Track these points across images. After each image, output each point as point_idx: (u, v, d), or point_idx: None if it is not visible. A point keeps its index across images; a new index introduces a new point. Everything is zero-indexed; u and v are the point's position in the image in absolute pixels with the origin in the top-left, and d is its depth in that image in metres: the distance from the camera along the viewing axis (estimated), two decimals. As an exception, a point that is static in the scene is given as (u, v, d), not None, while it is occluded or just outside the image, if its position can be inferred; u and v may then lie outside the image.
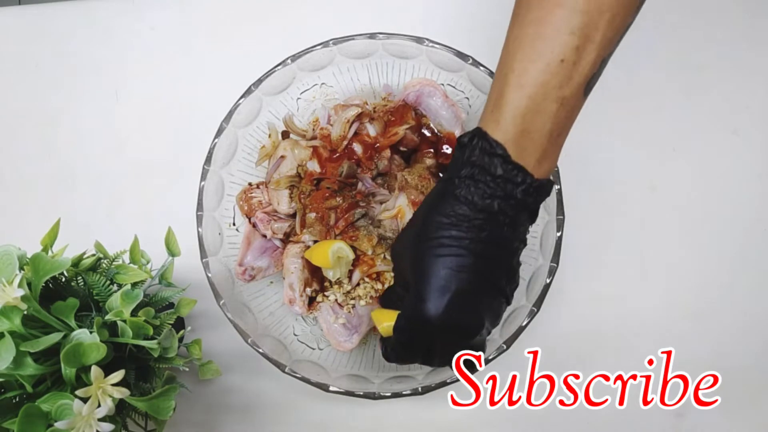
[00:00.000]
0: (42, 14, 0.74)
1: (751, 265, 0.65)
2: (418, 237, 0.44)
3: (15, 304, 0.42)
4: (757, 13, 0.70)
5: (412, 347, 0.46)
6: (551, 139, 0.41)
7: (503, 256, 0.43)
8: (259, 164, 0.65)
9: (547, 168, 0.43)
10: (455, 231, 0.42)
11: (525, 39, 0.40)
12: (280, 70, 0.61)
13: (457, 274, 0.42)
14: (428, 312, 0.42)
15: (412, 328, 0.44)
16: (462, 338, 0.44)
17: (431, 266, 0.42)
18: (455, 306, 0.42)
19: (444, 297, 0.42)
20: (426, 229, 0.43)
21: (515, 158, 0.41)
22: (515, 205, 0.42)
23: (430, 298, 0.42)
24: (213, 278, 0.58)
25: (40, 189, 0.70)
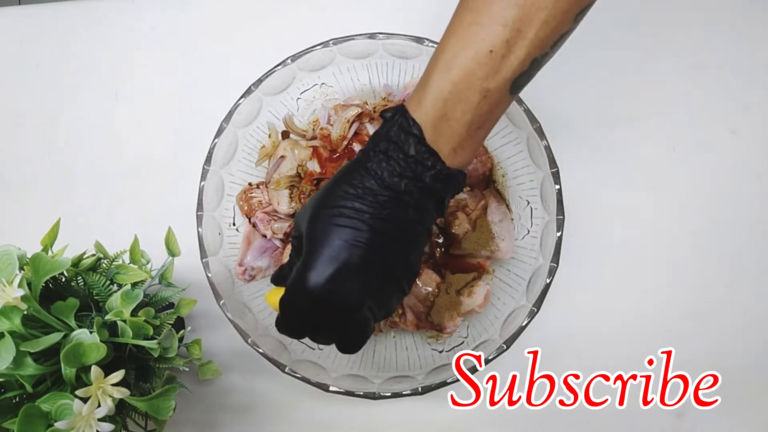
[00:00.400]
0: (42, 14, 0.74)
1: (751, 265, 0.65)
2: (321, 203, 0.43)
3: (15, 304, 0.42)
4: (757, 13, 0.70)
5: (295, 317, 0.45)
6: (470, 131, 0.41)
7: (402, 239, 0.43)
8: (259, 164, 0.65)
9: (462, 159, 0.42)
10: (358, 203, 0.41)
11: (462, 25, 0.40)
12: (280, 70, 0.61)
13: (350, 247, 0.41)
14: (310, 281, 0.41)
15: (294, 295, 0.43)
16: (341, 314, 0.43)
17: (326, 235, 0.42)
18: (338, 279, 0.41)
19: (329, 267, 0.41)
20: (330, 197, 0.43)
21: (430, 142, 0.41)
22: (422, 189, 0.42)
23: (316, 267, 0.41)
24: (213, 278, 0.58)
25: (40, 189, 0.70)
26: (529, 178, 0.61)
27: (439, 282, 0.59)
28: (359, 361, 0.61)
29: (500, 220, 0.61)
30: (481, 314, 0.61)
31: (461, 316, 0.60)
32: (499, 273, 0.63)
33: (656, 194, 0.67)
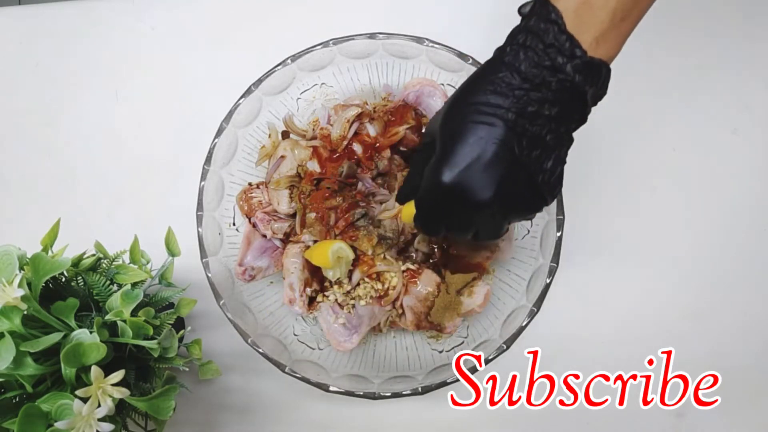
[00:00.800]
0: (42, 14, 0.74)
1: (751, 264, 0.65)
2: (457, 100, 0.43)
3: (15, 304, 0.42)
4: (756, 13, 0.70)
5: (429, 209, 0.45)
6: (614, 20, 0.40)
7: (541, 137, 0.41)
8: (259, 164, 0.65)
9: (605, 52, 0.40)
10: (494, 98, 0.40)
11: None
12: (280, 70, 0.61)
13: (484, 143, 0.40)
14: (444, 174, 0.41)
15: (428, 189, 0.43)
16: (473, 208, 0.42)
17: (462, 131, 0.41)
18: (471, 173, 0.41)
19: (463, 162, 0.41)
20: (466, 94, 0.42)
21: (571, 30, 0.39)
22: (562, 81, 0.40)
23: (450, 162, 0.41)
24: (213, 278, 0.58)
25: (40, 189, 0.70)
26: (529, 178, 0.61)
27: (439, 282, 0.59)
28: (359, 361, 0.61)
29: (500, 220, 0.61)
30: (481, 314, 0.61)
31: (461, 316, 0.60)
32: (499, 273, 0.63)
33: (656, 194, 0.67)
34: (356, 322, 0.60)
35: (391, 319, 0.61)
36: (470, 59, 0.59)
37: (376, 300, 0.60)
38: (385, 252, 0.60)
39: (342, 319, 0.60)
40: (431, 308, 0.59)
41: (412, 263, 0.61)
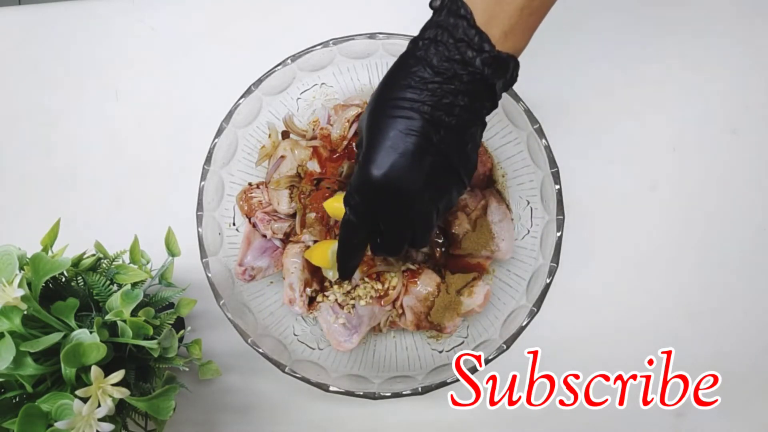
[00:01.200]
0: (42, 14, 0.74)
1: (750, 265, 0.66)
2: (376, 98, 0.44)
3: (15, 304, 0.42)
4: (756, 13, 0.70)
5: (360, 212, 0.46)
6: (521, 15, 0.41)
7: (456, 127, 0.43)
8: (259, 164, 0.65)
9: (514, 44, 0.42)
10: (410, 93, 0.42)
11: None
12: (280, 70, 0.61)
13: (404, 136, 0.42)
14: (372, 172, 0.42)
15: (358, 190, 0.44)
16: (403, 203, 0.44)
17: (383, 128, 0.42)
18: (397, 168, 0.42)
19: (388, 158, 0.42)
20: (385, 88, 0.43)
21: (481, 25, 0.41)
22: (472, 74, 0.41)
23: (375, 159, 0.42)
24: (213, 278, 0.58)
25: (40, 189, 0.70)
26: (529, 178, 0.61)
27: (439, 282, 0.59)
28: (359, 361, 0.61)
29: (500, 220, 0.61)
30: (481, 314, 0.61)
31: (461, 316, 0.60)
32: (499, 273, 0.63)
33: (656, 194, 0.67)
34: (356, 322, 0.60)
35: (391, 319, 0.61)
36: (470, 59, 0.59)
37: (376, 300, 0.60)
38: (385, 252, 0.60)
39: (342, 319, 0.60)
40: (431, 308, 0.59)
41: (412, 263, 0.61)
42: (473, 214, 0.61)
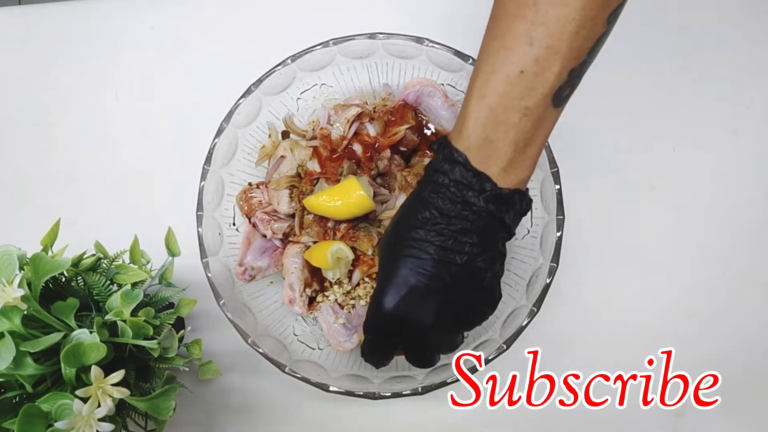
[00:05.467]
0: (42, 14, 0.74)
1: (750, 265, 0.66)
2: (389, 236, 0.47)
3: (15, 304, 0.42)
4: (757, 13, 0.70)
5: (374, 340, 0.48)
6: (517, 149, 0.41)
7: (467, 264, 0.44)
8: (259, 164, 0.65)
9: (516, 178, 0.43)
10: (420, 233, 0.43)
11: (490, 50, 0.41)
12: (280, 70, 0.61)
13: (415, 274, 0.44)
14: (384, 304, 0.44)
15: (372, 319, 0.47)
16: (416, 333, 0.46)
17: (395, 265, 0.44)
18: (407, 302, 0.44)
19: (398, 293, 0.44)
20: (396, 229, 0.46)
21: (479, 165, 0.42)
22: (478, 212, 0.42)
23: (387, 292, 0.44)
24: (213, 278, 0.58)
25: (39, 189, 0.70)
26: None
27: (439, 282, 0.59)
28: (359, 361, 0.61)
29: (500, 220, 0.61)
30: (481, 314, 0.61)
31: (461, 316, 0.60)
32: (499, 273, 0.63)
33: (656, 194, 0.67)
34: (356, 322, 0.60)
35: (391, 319, 0.61)
36: (470, 59, 0.59)
37: (376, 300, 0.60)
38: (385, 252, 0.60)
39: (342, 319, 0.60)
40: (431, 308, 0.59)
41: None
42: (473, 214, 0.61)
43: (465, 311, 0.46)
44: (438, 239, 0.43)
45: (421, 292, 0.44)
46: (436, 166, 0.43)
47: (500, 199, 0.42)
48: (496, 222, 0.43)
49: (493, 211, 0.42)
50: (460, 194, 0.42)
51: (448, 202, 0.42)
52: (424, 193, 0.44)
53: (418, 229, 0.43)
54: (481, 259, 0.44)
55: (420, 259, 0.43)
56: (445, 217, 0.42)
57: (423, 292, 0.44)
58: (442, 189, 0.42)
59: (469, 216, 0.42)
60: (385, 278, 0.45)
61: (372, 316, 0.47)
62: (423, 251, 0.43)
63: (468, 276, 0.44)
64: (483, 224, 0.43)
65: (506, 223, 0.44)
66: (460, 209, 0.42)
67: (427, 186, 0.44)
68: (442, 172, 0.42)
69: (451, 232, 0.43)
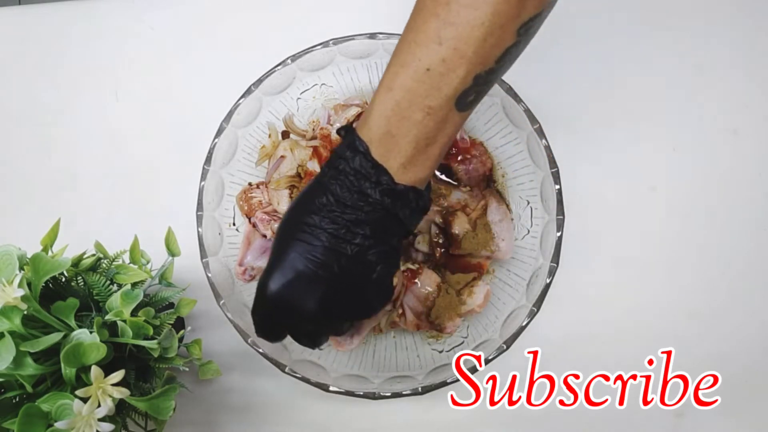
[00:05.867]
0: (42, 14, 0.74)
1: (751, 265, 0.65)
2: (286, 217, 0.46)
3: (15, 304, 0.42)
4: (756, 13, 0.70)
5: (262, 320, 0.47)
6: (418, 147, 0.41)
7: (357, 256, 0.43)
8: (259, 164, 0.65)
9: (414, 176, 0.42)
10: (314, 218, 0.43)
11: (404, 44, 0.41)
12: (280, 70, 0.61)
13: (303, 260, 0.43)
14: (268, 287, 0.44)
15: (257, 299, 0.46)
16: (298, 318, 0.45)
17: (285, 247, 0.44)
18: (291, 287, 0.43)
19: (284, 276, 0.43)
20: (292, 211, 0.45)
21: (379, 158, 0.41)
22: (372, 204, 0.42)
23: (273, 275, 0.44)
24: (213, 278, 0.58)
25: (40, 189, 0.70)
26: (529, 178, 0.61)
27: (439, 282, 0.59)
28: (359, 361, 0.61)
29: (500, 220, 0.61)
30: (481, 314, 0.61)
31: (461, 316, 0.60)
32: (499, 273, 0.63)
33: (656, 194, 0.67)
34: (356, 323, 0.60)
35: (391, 319, 0.61)
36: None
37: (376, 300, 0.60)
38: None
39: (342, 319, 0.60)
40: (431, 308, 0.59)
41: (412, 263, 0.61)
42: (473, 214, 0.61)
43: (352, 303, 0.46)
44: (331, 227, 0.42)
45: (308, 279, 0.43)
46: (339, 152, 0.43)
47: (395, 194, 0.42)
48: (390, 217, 0.43)
49: (388, 205, 0.42)
50: (357, 183, 0.42)
51: (345, 190, 0.42)
52: (324, 178, 0.43)
53: (313, 214, 0.43)
54: (372, 252, 0.43)
55: (311, 245, 0.43)
56: (341, 205, 0.42)
57: (309, 279, 0.43)
58: (341, 176, 0.42)
59: (364, 207, 0.42)
60: (274, 259, 0.44)
61: (257, 296, 0.46)
62: (315, 237, 0.43)
63: (358, 268, 0.44)
64: (377, 217, 0.42)
65: (401, 219, 0.43)
66: (356, 199, 0.42)
67: (328, 171, 0.43)
68: (344, 158, 0.42)
69: (345, 221, 0.42)
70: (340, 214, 0.42)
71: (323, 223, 0.42)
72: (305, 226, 0.43)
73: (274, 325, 0.47)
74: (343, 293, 0.45)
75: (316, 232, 0.43)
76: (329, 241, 0.43)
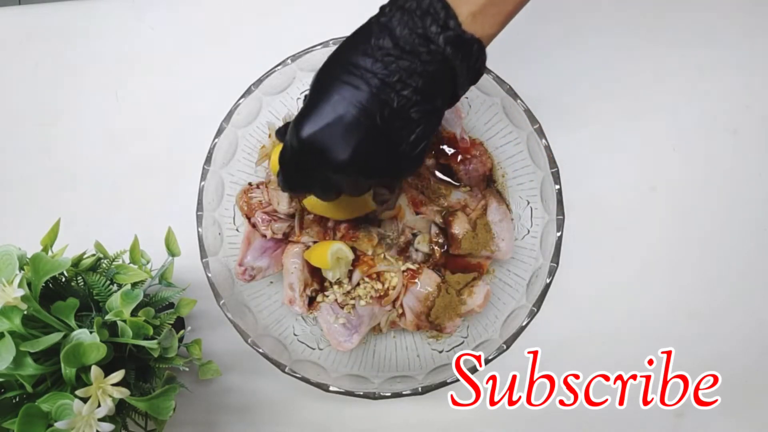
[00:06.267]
0: (42, 14, 0.74)
1: (751, 264, 0.66)
2: (331, 57, 0.43)
3: (15, 304, 0.42)
4: (756, 13, 0.70)
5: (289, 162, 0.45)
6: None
7: (402, 111, 0.41)
8: (259, 164, 0.65)
9: (482, 29, 0.40)
10: (364, 60, 0.40)
11: None
12: (280, 70, 0.61)
13: (345, 103, 0.40)
14: (303, 128, 0.41)
15: (290, 141, 0.43)
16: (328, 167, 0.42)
17: (328, 88, 0.41)
18: (329, 131, 0.41)
19: (322, 119, 0.41)
20: (340, 52, 0.42)
21: (450, 1, 0.39)
22: (433, 53, 0.39)
23: (311, 116, 0.41)
24: (213, 278, 0.58)
25: (40, 189, 0.70)
26: (529, 178, 0.61)
27: (439, 282, 0.59)
28: (359, 361, 0.61)
29: (500, 220, 0.61)
30: (481, 314, 0.61)
31: (461, 316, 0.60)
32: (499, 273, 0.63)
33: (656, 194, 0.67)
34: (356, 322, 0.60)
35: (391, 319, 0.61)
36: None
37: (376, 300, 0.60)
38: (385, 252, 0.60)
39: (342, 319, 0.60)
40: (431, 308, 0.59)
41: (412, 263, 0.61)
42: (473, 214, 0.61)
43: (384, 159, 0.43)
44: (383, 72, 0.39)
45: (347, 125, 0.40)
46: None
47: (460, 42, 0.40)
48: (446, 72, 0.41)
49: (449, 55, 0.40)
50: (422, 25, 0.39)
51: (407, 32, 0.39)
52: (384, 18, 0.40)
53: (365, 56, 0.40)
54: (416, 110, 0.41)
55: (357, 90, 0.40)
56: (398, 49, 0.39)
57: (349, 126, 0.40)
58: (406, 15, 0.39)
59: (422, 55, 0.39)
60: (312, 102, 0.41)
61: (289, 140, 0.43)
62: (364, 81, 0.40)
63: (398, 123, 0.41)
64: (432, 70, 0.40)
65: (455, 77, 0.41)
66: (417, 44, 0.39)
67: (390, 10, 0.40)
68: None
69: (399, 69, 0.39)
70: (395, 59, 0.39)
71: (375, 66, 0.39)
72: (353, 68, 0.40)
73: (301, 173, 0.44)
74: (378, 148, 0.42)
75: (366, 76, 0.40)
76: (378, 88, 0.40)
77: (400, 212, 0.60)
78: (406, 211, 0.60)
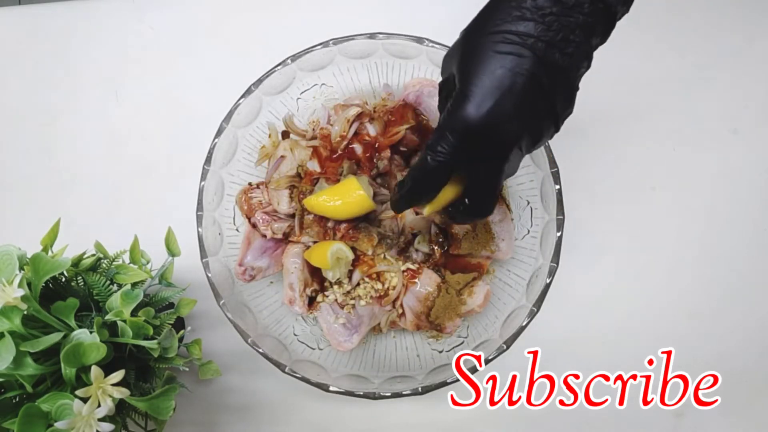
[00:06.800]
0: (42, 14, 0.74)
1: (751, 265, 0.66)
2: (477, 31, 0.39)
3: (15, 304, 0.42)
4: (757, 13, 0.70)
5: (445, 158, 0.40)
6: None
7: (567, 68, 0.38)
8: (259, 164, 0.65)
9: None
10: (522, 25, 0.37)
11: None
12: (280, 70, 0.61)
13: (513, 75, 0.37)
14: (469, 112, 0.37)
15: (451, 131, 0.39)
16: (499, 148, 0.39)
17: (486, 63, 0.37)
18: (500, 110, 0.37)
19: (490, 98, 0.37)
20: (488, 22, 0.38)
21: None
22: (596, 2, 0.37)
23: (475, 97, 0.37)
24: (213, 278, 0.58)
25: (40, 189, 0.70)
26: (529, 178, 0.61)
27: (439, 282, 0.59)
28: (359, 361, 0.61)
29: (500, 220, 0.61)
30: (481, 314, 0.61)
31: (461, 316, 0.60)
32: (499, 273, 0.63)
33: (656, 194, 0.67)
34: (356, 322, 0.60)
35: (391, 319, 0.61)
36: (470, 59, 0.59)
37: (376, 300, 0.60)
38: (385, 252, 0.60)
39: (342, 319, 0.60)
40: (431, 308, 0.59)
41: (412, 263, 0.61)
42: (473, 214, 0.61)
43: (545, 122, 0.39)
44: (546, 34, 0.36)
45: (517, 98, 0.37)
46: None
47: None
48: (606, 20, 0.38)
49: (612, 2, 0.37)
50: None
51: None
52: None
53: (521, 20, 0.36)
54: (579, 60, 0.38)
55: (520, 57, 0.36)
56: (559, 5, 0.36)
57: (518, 98, 0.37)
58: None
59: (585, 6, 0.36)
60: (471, 81, 0.37)
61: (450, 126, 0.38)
62: (525, 47, 0.36)
63: (563, 85, 0.38)
64: (593, 21, 0.37)
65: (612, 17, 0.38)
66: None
67: None
68: None
69: (562, 26, 0.36)
70: (556, 17, 0.36)
71: (538, 29, 0.36)
72: (511, 35, 0.37)
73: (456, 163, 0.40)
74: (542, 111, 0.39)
75: (529, 42, 0.36)
76: (542, 51, 0.36)
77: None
78: (406, 211, 0.60)
